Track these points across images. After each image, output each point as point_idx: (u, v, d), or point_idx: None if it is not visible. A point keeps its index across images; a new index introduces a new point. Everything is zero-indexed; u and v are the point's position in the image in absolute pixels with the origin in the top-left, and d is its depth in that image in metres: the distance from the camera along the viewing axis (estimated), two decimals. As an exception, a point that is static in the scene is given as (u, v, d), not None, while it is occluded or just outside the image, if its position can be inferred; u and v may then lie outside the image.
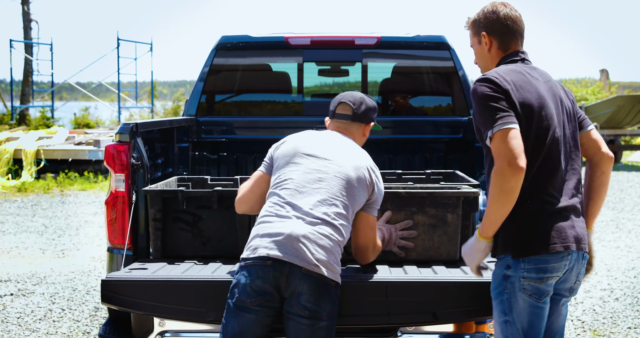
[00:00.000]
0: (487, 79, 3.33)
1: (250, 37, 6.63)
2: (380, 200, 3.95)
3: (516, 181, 3.17)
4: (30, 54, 31.38)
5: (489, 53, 3.58)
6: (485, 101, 3.29)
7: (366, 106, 4.10)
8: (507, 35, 3.53)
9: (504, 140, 3.19)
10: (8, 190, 15.96)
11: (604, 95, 31.17)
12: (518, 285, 3.31)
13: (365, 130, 4.15)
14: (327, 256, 3.57)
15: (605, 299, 7.43)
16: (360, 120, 4.10)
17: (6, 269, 8.81)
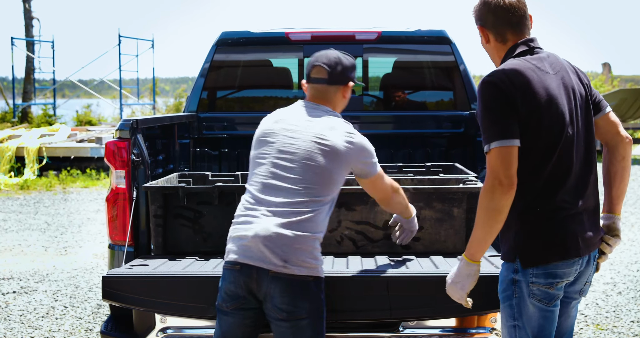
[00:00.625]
0: (494, 83, 3.17)
1: (250, 33, 6.62)
2: (370, 161, 3.84)
3: (506, 200, 3.09)
4: (31, 52, 31.37)
5: (489, 46, 3.43)
6: (488, 109, 3.17)
7: (342, 66, 3.81)
8: (500, 26, 3.35)
9: (499, 158, 3.11)
10: (10, 188, 15.97)
11: (607, 88, 31.12)
12: (527, 290, 3.23)
13: (345, 91, 3.88)
14: (297, 253, 3.47)
15: (608, 293, 7.42)
16: (338, 82, 3.83)
17: (9, 267, 8.81)
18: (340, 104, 3.90)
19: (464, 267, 3.29)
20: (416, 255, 4.41)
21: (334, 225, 4.46)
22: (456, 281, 3.33)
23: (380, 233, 4.46)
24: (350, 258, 4.34)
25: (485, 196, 3.13)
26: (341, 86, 3.84)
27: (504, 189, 3.08)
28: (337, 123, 3.76)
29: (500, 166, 3.10)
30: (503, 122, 3.13)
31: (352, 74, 3.87)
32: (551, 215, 3.21)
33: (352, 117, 6.50)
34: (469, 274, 3.27)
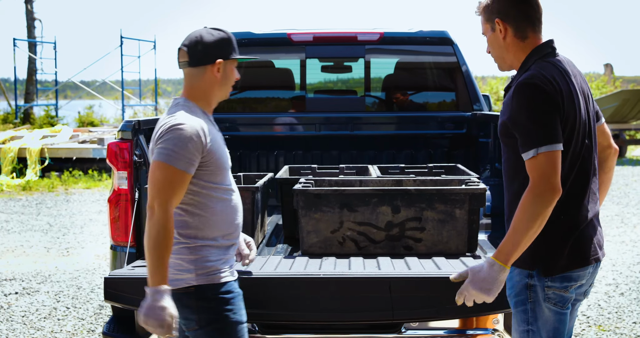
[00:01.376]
0: (539, 86, 3.06)
1: (252, 34, 6.63)
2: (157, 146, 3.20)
3: (552, 206, 3.02)
4: (34, 53, 31.41)
5: (504, 42, 3.26)
6: (533, 112, 3.05)
7: (204, 44, 3.33)
8: (522, 21, 3.22)
9: (548, 163, 3.01)
10: (13, 189, 15.98)
11: (609, 89, 31.12)
12: (542, 294, 3.17)
13: (213, 70, 3.34)
14: (170, 266, 3.21)
15: (610, 294, 7.41)
16: (201, 62, 3.34)
17: (11, 268, 8.82)
18: (214, 85, 3.37)
19: (497, 273, 3.09)
20: (418, 256, 4.41)
21: (336, 226, 4.46)
22: (488, 287, 3.11)
23: (382, 234, 4.46)
24: (352, 259, 4.33)
25: (534, 203, 3.00)
26: (208, 65, 3.33)
27: (554, 195, 3.01)
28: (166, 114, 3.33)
29: (552, 172, 3.01)
30: (551, 125, 3.04)
31: (221, 50, 3.35)
32: (575, 224, 3.18)
33: (354, 119, 6.52)
34: (502, 280, 3.10)
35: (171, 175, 3.14)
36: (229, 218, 3.37)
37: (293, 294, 3.99)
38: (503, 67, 3.38)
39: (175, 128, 3.17)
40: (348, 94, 7.93)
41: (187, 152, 3.15)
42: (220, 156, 3.35)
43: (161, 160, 3.14)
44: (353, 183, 4.87)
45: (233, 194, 3.44)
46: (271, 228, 5.51)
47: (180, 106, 3.32)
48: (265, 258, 4.42)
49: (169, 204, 3.12)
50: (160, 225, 3.08)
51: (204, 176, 3.27)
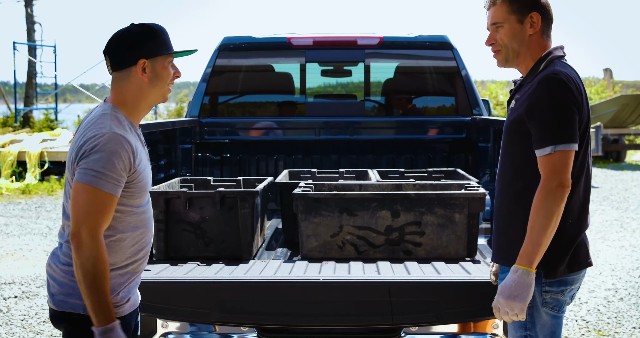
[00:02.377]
0: (566, 84, 3.06)
1: (252, 38, 6.64)
2: (83, 166, 2.85)
3: (564, 202, 3.03)
4: (33, 56, 31.42)
5: (529, 37, 3.23)
6: (558, 108, 3.05)
7: (123, 45, 3.01)
8: (550, 23, 3.27)
9: (562, 160, 3.03)
10: (12, 192, 15.97)
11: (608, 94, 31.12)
12: (540, 299, 3.19)
13: (138, 70, 3.00)
14: (60, 284, 2.99)
15: (609, 299, 7.41)
16: (124, 65, 3.00)
17: (10, 271, 8.81)
18: (143, 88, 3.03)
19: (522, 277, 3.06)
20: (418, 260, 4.41)
21: (336, 230, 4.46)
22: (516, 293, 3.07)
23: (382, 238, 4.46)
24: (352, 264, 4.34)
25: (547, 199, 3.02)
26: (132, 66, 2.99)
27: (565, 192, 3.02)
28: (89, 122, 2.99)
29: (564, 169, 3.02)
30: (572, 124, 3.05)
31: (146, 49, 3.00)
32: (581, 230, 3.20)
33: (354, 123, 6.53)
34: (529, 283, 3.07)
35: (99, 199, 2.81)
36: (137, 244, 3.04)
37: (292, 298, 3.99)
38: (510, 63, 3.31)
39: (102, 144, 2.83)
40: (348, 99, 7.94)
41: (114, 173, 2.83)
42: (144, 177, 3.01)
43: (86, 183, 2.80)
44: (353, 188, 4.88)
45: (148, 218, 3.10)
46: (271, 232, 5.52)
47: (108, 116, 2.94)
48: (264, 262, 4.42)
49: (98, 231, 2.82)
50: (94, 256, 2.78)
51: (122, 199, 2.92)
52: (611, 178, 18.28)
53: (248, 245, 4.57)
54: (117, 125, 2.91)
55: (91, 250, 2.79)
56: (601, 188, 16.13)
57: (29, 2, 32.82)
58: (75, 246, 2.80)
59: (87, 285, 2.79)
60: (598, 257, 9.28)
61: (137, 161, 2.94)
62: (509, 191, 3.27)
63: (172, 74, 3.08)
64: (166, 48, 3.05)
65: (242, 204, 4.54)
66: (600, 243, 10.19)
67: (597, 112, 22.30)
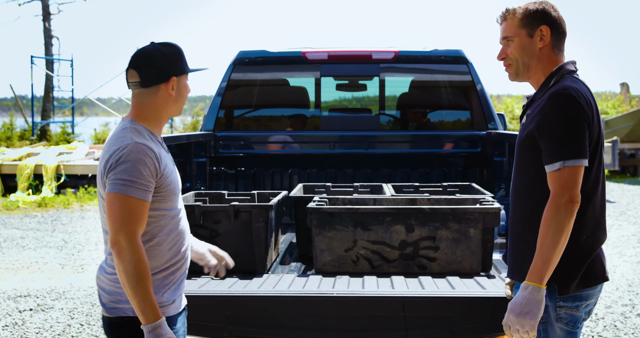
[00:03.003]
0: (577, 99, 3.05)
1: (267, 52, 6.66)
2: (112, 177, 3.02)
3: (574, 217, 3.02)
4: (51, 70, 31.65)
5: (539, 51, 3.25)
6: (568, 123, 3.04)
7: (154, 63, 3.17)
8: (562, 36, 3.28)
9: (572, 176, 3.02)
10: (28, 205, 16.04)
11: (625, 108, 30.96)
12: (554, 314, 3.17)
13: (168, 88, 3.18)
14: (109, 293, 3.15)
15: (626, 315, 7.35)
16: (155, 81, 3.16)
17: (26, 284, 8.84)
18: (168, 103, 3.21)
19: (533, 293, 3.04)
20: (432, 275, 4.39)
21: (350, 244, 4.45)
22: (527, 310, 3.05)
23: (396, 253, 4.45)
24: (366, 278, 4.32)
25: (557, 215, 3.00)
26: (161, 84, 3.17)
27: (575, 207, 3.01)
28: (111, 138, 3.15)
29: (574, 184, 3.02)
30: (581, 139, 3.05)
31: (173, 67, 3.19)
32: (595, 246, 3.17)
33: (369, 137, 6.52)
34: (540, 300, 3.05)
35: (131, 206, 2.97)
36: (174, 247, 3.19)
37: (306, 313, 3.98)
38: (521, 76, 3.32)
39: (126, 155, 3.00)
40: (363, 113, 7.94)
41: (142, 179, 3.00)
42: (172, 181, 3.18)
43: (118, 192, 2.97)
44: (367, 202, 4.87)
45: (180, 220, 3.26)
46: (285, 246, 5.51)
47: (128, 130, 3.11)
48: (278, 277, 4.41)
49: (136, 236, 2.97)
50: (135, 259, 2.94)
51: (154, 204, 3.09)
52: (628, 192, 18.16)
53: (262, 259, 4.57)
54: (137, 136, 3.08)
55: (131, 253, 2.94)
56: (618, 203, 16.02)
57: (46, 17, 33.09)
58: (116, 253, 2.95)
59: (132, 286, 2.93)
60: (615, 272, 9.21)
61: (163, 166, 3.10)
62: (522, 207, 3.26)
63: (188, 90, 3.29)
64: (188, 66, 3.26)
65: (256, 218, 4.54)
66: (617, 258, 10.11)
67: (614, 126, 22.19)
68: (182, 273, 3.26)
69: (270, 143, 6.74)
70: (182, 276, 3.26)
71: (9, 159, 18.12)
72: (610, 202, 16.15)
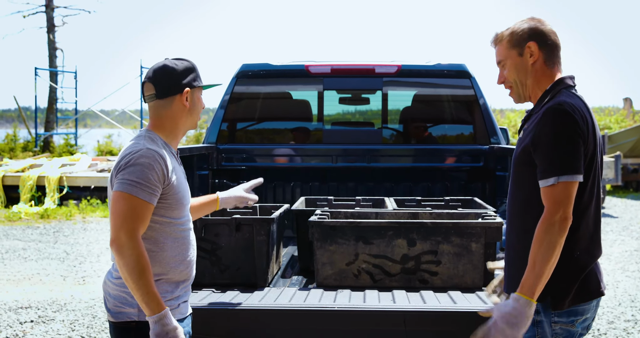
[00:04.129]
0: (571, 114, 3.04)
1: (270, 66, 6.67)
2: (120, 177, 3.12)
3: (565, 234, 3.01)
4: (54, 82, 31.71)
5: (532, 67, 3.25)
6: (562, 139, 3.04)
7: (170, 75, 3.30)
8: (554, 50, 3.26)
9: (565, 192, 3.01)
10: (31, 217, 16.05)
11: (628, 123, 30.94)
12: (549, 330, 3.15)
13: (182, 100, 3.31)
14: (114, 298, 3.21)
15: (629, 330, 7.32)
16: (170, 93, 3.30)
17: (27, 296, 8.82)
18: (183, 114, 3.33)
19: (524, 307, 3.02)
20: (434, 289, 4.38)
21: (352, 258, 4.44)
22: (514, 322, 3.03)
23: (398, 267, 4.44)
24: (367, 292, 4.31)
25: (549, 231, 3.00)
26: (176, 95, 3.30)
27: (567, 224, 3.00)
28: (127, 145, 3.27)
29: (567, 200, 3.01)
30: (576, 155, 3.04)
31: (187, 79, 3.34)
32: (589, 261, 3.16)
33: (371, 151, 6.53)
34: (529, 315, 3.02)
35: (134, 205, 3.06)
36: (180, 255, 3.26)
37: (307, 326, 3.97)
38: (521, 96, 3.32)
39: (136, 159, 3.11)
40: (365, 126, 7.95)
41: (149, 182, 3.09)
42: (179, 190, 3.26)
43: (123, 191, 3.06)
44: (369, 216, 4.86)
45: (187, 230, 3.33)
46: (286, 260, 5.50)
47: (142, 137, 3.25)
48: (279, 290, 4.40)
49: (137, 233, 3.03)
50: (136, 254, 2.99)
51: (160, 210, 3.18)
52: (631, 207, 18.13)
53: (263, 272, 4.56)
54: (150, 143, 3.21)
55: (132, 248, 2.99)
56: (621, 218, 16.00)
57: (51, 29, 33.20)
58: (116, 250, 3.00)
59: (134, 280, 2.99)
60: (617, 288, 9.18)
61: (171, 175, 3.19)
62: (518, 222, 3.25)
63: (202, 105, 3.42)
64: (201, 81, 3.40)
65: (258, 231, 4.54)
66: (619, 273, 10.09)
67: (617, 141, 22.17)
68: (186, 282, 3.32)
69: (273, 156, 6.75)
70: (186, 284, 3.32)
71: (12, 171, 18.14)
72: (613, 217, 16.12)
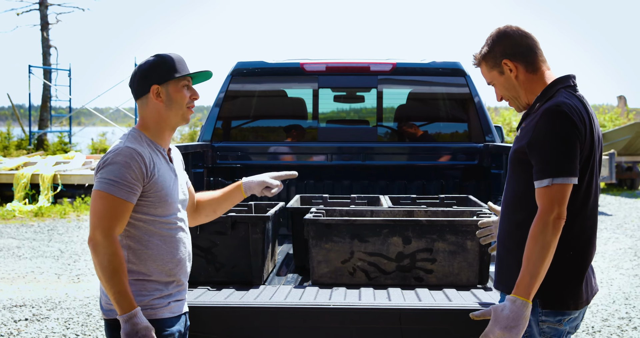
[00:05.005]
0: (569, 116, 3.04)
1: (265, 63, 6.66)
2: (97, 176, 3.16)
3: (559, 233, 3.02)
4: (48, 80, 31.66)
5: (516, 80, 3.25)
6: (559, 140, 3.04)
7: (138, 76, 3.27)
8: (530, 54, 3.24)
9: (560, 194, 3.01)
10: (25, 215, 16.02)
11: (622, 121, 31.04)
12: (537, 329, 3.16)
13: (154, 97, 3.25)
14: (105, 295, 3.19)
15: (623, 328, 7.34)
16: (140, 93, 3.27)
17: (21, 294, 8.81)
18: (160, 111, 3.28)
19: (521, 308, 3.02)
20: (429, 287, 4.38)
21: (347, 256, 4.44)
22: (513, 325, 3.02)
23: (393, 265, 4.45)
24: (362, 290, 4.31)
25: (544, 231, 3.00)
26: (146, 94, 3.27)
27: (561, 224, 3.01)
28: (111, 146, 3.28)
29: (561, 201, 3.02)
30: (572, 157, 3.04)
31: (155, 75, 3.25)
32: (583, 261, 3.17)
33: (366, 149, 6.53)
34: (527, 316, 3.03)
35: (112, 204, 3.06)
36: (168, 254, 3.23)
37: (303, 324, 3.97)
38: (520, 107, 3.33)
39: (113, 157, 3.11)
40: (360, 124, 7.95)
41: (126, 181, 3.08)
42: (163, 188, 3.21)
43: (101, 189, 3.07)
44: (364, 213, 4.86)
45: (176, 228, 3.28)
46: (282, 258, 5.50)
47: (126, 136, 3.26)
48: (275, 288, 4.40)
49: (112, 232, 3.03)
50: (110, 253, 3.00)
51: (142, 208, 3.17)
52: (625, 205, 18.18)
53: (259, 270, 4.56)
54: (132, 141, 3.20)
55: (106, 248, 3.00)
56: (615, 216, 16.03)
57: (45, 26, 33.14)
58: (92, 248, 3.03)
59: (107, 278, 3.00)
60: (611, 286, 9.20)
61: (152, 172, 3.17)
62: (511, 218, 3.25)
63: (187, 97, 3.30)
64: (177, 72, 3.27)
65: (253, 229, 4.54)
66: (614, 271, 10.11)
67: (611, 139, 22.22)
68: (178, 281, 3.29)
69: (268, 153, 6.75)
70: (178, 283, 3.29)
71: (6, 169, 18.11)
72: (607, 215, 16.15)
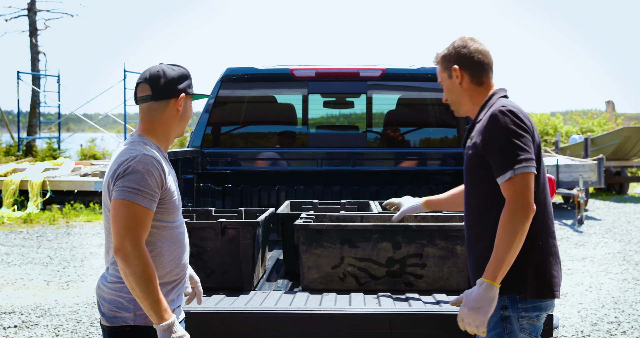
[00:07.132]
0: (515, 113, 3.26)
1: (255, 69, 6.67)
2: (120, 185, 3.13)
3: (529, 222, 3.17)
4: (37, 86, 31.58)
5: (460, 87, 3.52)
6: (511, 135, 3.23)
7: (166, 79, 3.31)
8: (477, 68, 3.50)
9: (524, 183, 3.18)
10: (14, 221, 15.96)
11: (610, 126, 31.16)
12: (517, 325, 3.28)
13: (178, 104, 3.32)
14: (109, 302, 3.21)
15: (612, 332, 7.36)
16: (166, 96, 3.31)
17: (10, 301, 8.78)
18: (175, 119, 3.35)
19: (486, 291, 3.16)
20: (419, 292, 4.39)
21: (337, 261, 4.45)
22: (477, 306, 3.16)
23: (383, 270, 4.45)
24: (353, 295, 4.32)
25: (513, 220, 3.15)
26: (172, 99, 3.32)
27: (529, 212, 3.17)
28: (121, 151, 3.27)
29: (527, 190, 3.18)
30: (526, 148, 3.23)
31: (183, 85, 3.35)
32: (549, 252, 3.32)
33: (356, 154, 6.54)
34: (492, 297, 3.16)
35: (137, 213, 3.07)
36: (175, 259, 3.28)
37: (293, 330, 3.97)
38: (459, 112, 3.60)
39: (134, 166, 3.11)
40: (350, 130, 7.96)
41: (148, 189, 3.10)
42: (174, 194, 3.28)
43: (125, 198, 3.07)
44: (354, 219, 4.87)
45: (182, 233, 3.36)
46: (272, 263, 5.50)
47: (136, 143, 3.25)
48: (265, 293, 4.40)
49: (141, 241, 3.06)
50: (143, 263, 3.02)
51: (157, 215, 3.20)
52: (614, 210, 18.24)
53: (249, 276, 4.56)
54: (146, 149, 3.21)
55: (138, 258, 3.02)
56: (604, 221, 16.09)
57: (33, 32, 33.08)
58: (122, 259, 3.02)
59: (142, 288, 3.01)
60: (601, 290, 9.23)
61: (167, 180, 3.22)
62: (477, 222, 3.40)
63: (191, 113, 3.44)
64: (193, 90, 3.42)
65: (243, 235, 4.54)
66: (602, 275, 10.15)
67: (600, 144, 22.32)
68: (181, 285, 3.34)
69: (258, 159, 6.75)
70: (180, 287, 3.34)
71: (-5, 175, 18.04)
72: (595, 220, 16.21)
